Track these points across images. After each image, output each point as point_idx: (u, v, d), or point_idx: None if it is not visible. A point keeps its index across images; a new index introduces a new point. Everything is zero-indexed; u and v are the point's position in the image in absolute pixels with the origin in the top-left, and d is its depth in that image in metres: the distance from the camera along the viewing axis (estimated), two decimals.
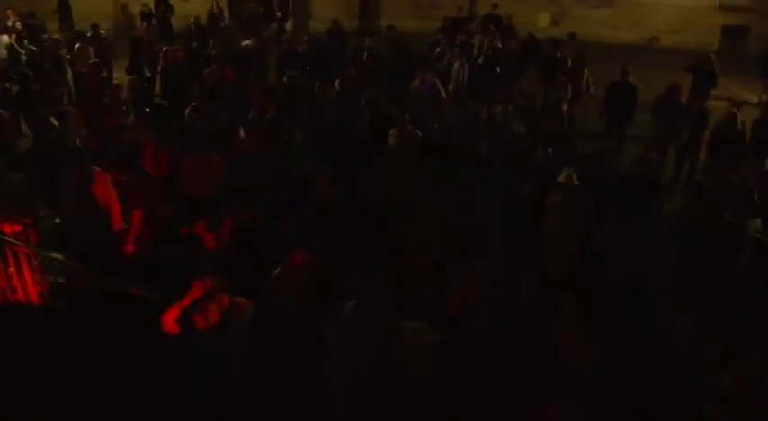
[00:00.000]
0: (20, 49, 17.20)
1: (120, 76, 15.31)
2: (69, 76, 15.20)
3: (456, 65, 15.01)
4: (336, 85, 12.76)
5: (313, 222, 8.33)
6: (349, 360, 5.88)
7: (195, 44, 16.80)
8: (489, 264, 7.24)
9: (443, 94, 13.23)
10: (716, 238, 8.10)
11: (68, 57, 15.55)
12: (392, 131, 10.57)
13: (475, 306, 6.82)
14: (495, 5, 20.60)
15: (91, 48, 15.54)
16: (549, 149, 10.05)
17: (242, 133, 10.56)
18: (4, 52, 16.80)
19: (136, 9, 21.08)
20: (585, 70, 14.92)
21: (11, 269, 7.94)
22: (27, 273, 7.96)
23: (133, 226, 8.65)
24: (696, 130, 12.55)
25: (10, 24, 18.26)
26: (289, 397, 6.87)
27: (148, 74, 15.28)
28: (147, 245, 8.71)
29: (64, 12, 21.38)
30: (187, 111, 11.34)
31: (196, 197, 9.16)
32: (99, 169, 8.82)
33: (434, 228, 7.89)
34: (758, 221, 9.67)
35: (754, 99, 15.92)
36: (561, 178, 8.67)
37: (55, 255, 8.15)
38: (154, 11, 21.35)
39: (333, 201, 8.67)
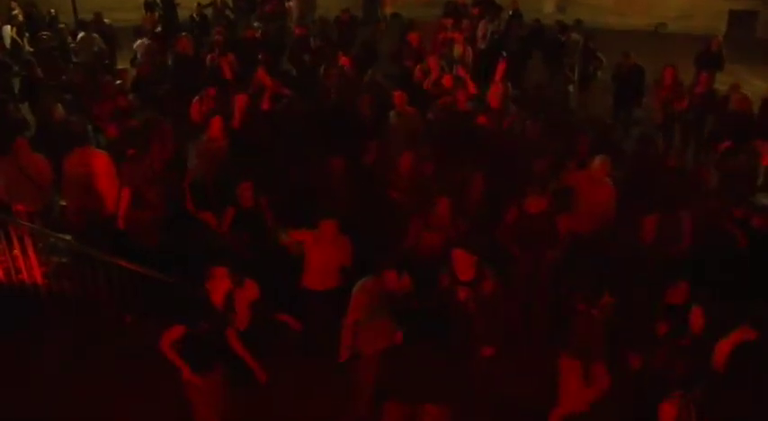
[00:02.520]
0: (20, 41, 17.15)
1: (124, 65, 15.23)
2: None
3: (459, 48, 14.87)
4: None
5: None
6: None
7: (196, 32, 16.73)
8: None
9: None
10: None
11: (73, 45, 15.53)
12: (393, 112, 10.57)
13: None
14: None
15: (96, 36, 15.47)
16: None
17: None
18: (8, 41, 16.76)
19: None
20: (599, 54, 14.82)
21: (15, 251, 7.91)
22: (32, 254, 7.94)
23: (121, 204, 8.50)
24: (702, 113, 12.45)
25: (14, 13, 18.25)
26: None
27: None
28: (150, 228, 8.69)
29: None
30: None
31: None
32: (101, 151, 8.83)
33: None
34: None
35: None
36: (595, 164, 8.66)
37: (63, 236, 8.15)
38: (158, 1, 21.27)
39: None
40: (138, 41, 15.37)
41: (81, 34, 15.60)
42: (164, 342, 5.88)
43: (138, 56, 14.82)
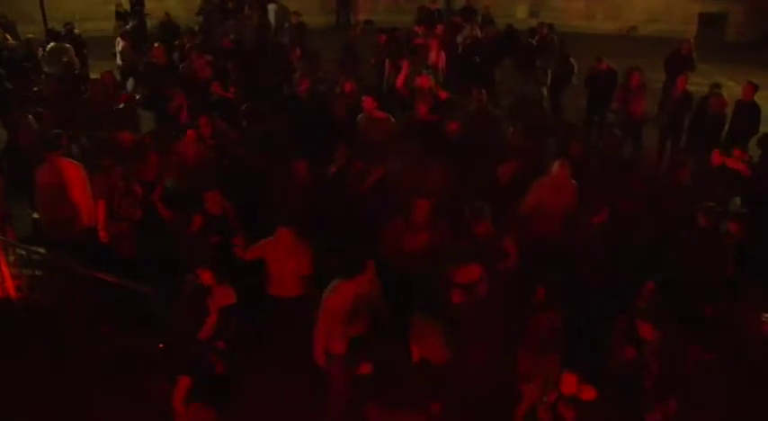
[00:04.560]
0: None
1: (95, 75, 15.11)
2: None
3: (433, 55, 14.90)
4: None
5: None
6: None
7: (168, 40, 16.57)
8: None
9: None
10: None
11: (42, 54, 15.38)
12: (360, 116, 10.52)
13: None
14: None
15: (68, 46, 15.33)
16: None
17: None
18: None
19: (110, 8, 20.83)
20: (572, 59, 14.88)
21: None
22: (4, 268, 7.83)
23: (99, 216, 8.51)
24: (678, 114, 12.58)
25: None
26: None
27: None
28: (125, 237, 8.63)
29: None
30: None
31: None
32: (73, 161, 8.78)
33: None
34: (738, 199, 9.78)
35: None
36: (555, 168, 8.72)
37: (36, 249, 8.05)
38: (129, 11, 21.09)
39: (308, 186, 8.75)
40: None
41: (51, 44, 15.43)
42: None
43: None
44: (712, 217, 7.91)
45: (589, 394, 5.76)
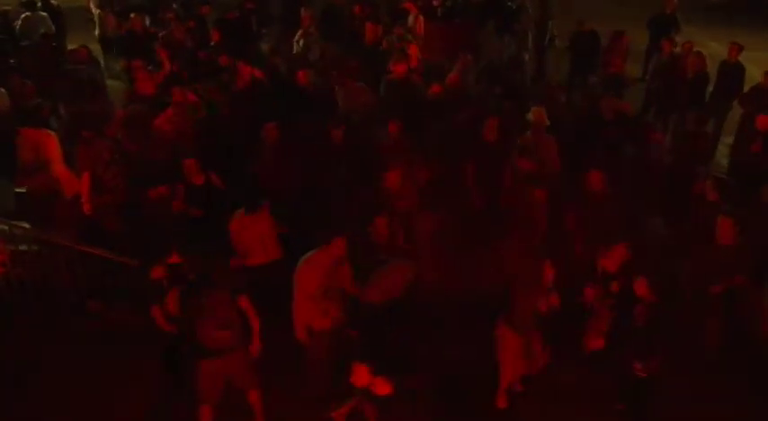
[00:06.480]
0: None
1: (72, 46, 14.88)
2: None
3: (411, 18, 14.75)
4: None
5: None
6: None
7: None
8: None
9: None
10: None
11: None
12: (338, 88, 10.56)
13: None
14: None
15: (45, 14, 15.04)
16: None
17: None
18: None
19: None
20: (550, 22, 14.77)
21: None
22: None
23: (82, 189, 8.41)
24: (664, 76, 12.54)
25: None
26: None
27: None
28: (110, 210, 8.52)
29: None
30: None
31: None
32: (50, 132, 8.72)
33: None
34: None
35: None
36: (531, 116, 8.71)
37: (19, 223, 7.94)
38: None
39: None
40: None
41: (24, 14, 15.11)
42: None
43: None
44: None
45: (384, 388, 5.37)
